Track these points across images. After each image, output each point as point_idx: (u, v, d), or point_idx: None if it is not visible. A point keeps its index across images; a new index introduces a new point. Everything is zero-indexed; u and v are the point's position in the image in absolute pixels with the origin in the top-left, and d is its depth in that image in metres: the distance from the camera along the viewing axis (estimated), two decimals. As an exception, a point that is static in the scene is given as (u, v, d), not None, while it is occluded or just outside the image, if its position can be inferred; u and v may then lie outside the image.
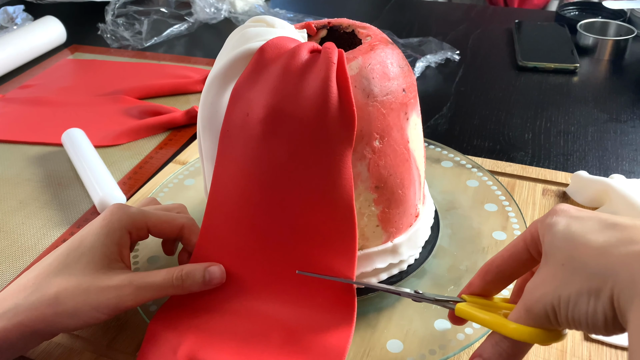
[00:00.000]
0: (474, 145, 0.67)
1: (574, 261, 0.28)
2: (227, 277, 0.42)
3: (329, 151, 0.37)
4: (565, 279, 0.28)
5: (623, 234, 0.28)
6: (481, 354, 0.32)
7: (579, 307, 0.27)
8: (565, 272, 0.28)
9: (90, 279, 0.38)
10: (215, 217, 0.41)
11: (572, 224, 0.30)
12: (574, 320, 0.28)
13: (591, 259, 0.28)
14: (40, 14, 1.03)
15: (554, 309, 0.29)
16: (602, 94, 0.78)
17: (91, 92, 0.82)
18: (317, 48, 0.39)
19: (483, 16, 1.08)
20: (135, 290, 0.38)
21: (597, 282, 0.27)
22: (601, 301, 0.26)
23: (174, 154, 0.67)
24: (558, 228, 0.30)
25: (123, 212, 0.41)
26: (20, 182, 0.64)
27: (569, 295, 0.28)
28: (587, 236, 0.29)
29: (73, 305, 0.37)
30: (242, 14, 1.07)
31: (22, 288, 0.39)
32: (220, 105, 0.41)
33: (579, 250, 0.28)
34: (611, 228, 0.28)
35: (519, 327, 0.30)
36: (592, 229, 0.29)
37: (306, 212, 0.39)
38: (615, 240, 0.27)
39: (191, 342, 0.38)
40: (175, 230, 0.43)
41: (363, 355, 0.40)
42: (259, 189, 0.39)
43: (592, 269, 0.27)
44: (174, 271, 0.40)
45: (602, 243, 0.28)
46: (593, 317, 0.27)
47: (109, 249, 0.40)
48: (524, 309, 0.30)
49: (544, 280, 0.30)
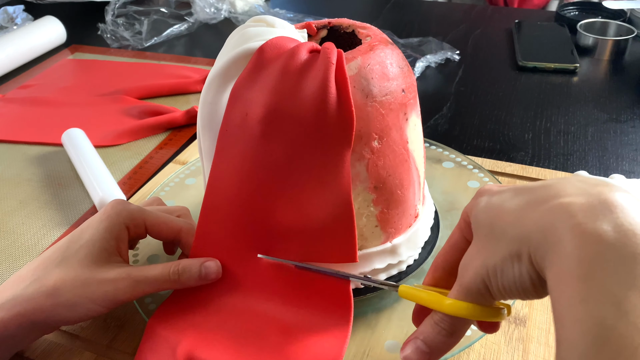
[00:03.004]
0: (474, 145, 0.67)
1: (495, 231, 0.29)
2: (224, 276, 0.42)
3: (327, 151, 0.37)
4: (490, 249, 0.29)
5: (533, 197, 0.28)
6: (418, 336, 0.32)
7: (506, 274, 0.28)
8: (489, 243, 0.29)
9: (88, 271, 0.38)
10: (212, 215, 0.41)
11: (492, 199, 0.31)
12: (505, 289, 0.29)
13: (508, 225, 0.28)
14: (40, 14, 1.03)
15: (485, 282, 0.29)
16: (602, 94, 0.78)
17: (91, 92, 0.82)
18: (316, 48, 0.39)
19: (483, 16, 1.08)
20: (132, 283, 0.39)
21: (517, 246, 0.27)
22: (524, 264, 0.27)
23: (174, 154, 0.67)
24: (481, 205, 0.32)
25: (123, 208, 0.41)
26: (20, 182, 0.64)
27: (494, 264, 0.29)
28: (504, 205, 0.30)
29: (71, 296, 0.38)
30: (242, 14, 1.07)
31: (20, 279, 0.39)
32: (220, 105, 0.41)
33: (498, 219, 0.29)
34: (523, 193, 0.29)
35: (454, 302, 0.31)
36: (508, 198, 0.30)
37: (304, 212, 0.39)
38: (525, 204, 0.28)
39: (189, 341, 0.38)
40: (172, 233, 0.43)
41: (363, 356, 0.40)
42: (257, 189, 0.39)
43: (510, 234, 0.28)
44: (171, 265, 0.40)
45: (515, 208, 0.29)
46: (521, 282, 0.28)
47: (108, 243, 0.40)
48: (459, 286, 0.31)
49: (472, 255, 0.31)
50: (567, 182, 0.28)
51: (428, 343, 0.32)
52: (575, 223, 0.25)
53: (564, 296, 0.24)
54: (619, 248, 0.24)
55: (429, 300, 0.33)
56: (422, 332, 0.32)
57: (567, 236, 0.25)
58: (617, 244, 0.24)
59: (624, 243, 0.24)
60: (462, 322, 0.31)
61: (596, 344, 0.22)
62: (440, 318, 0.32)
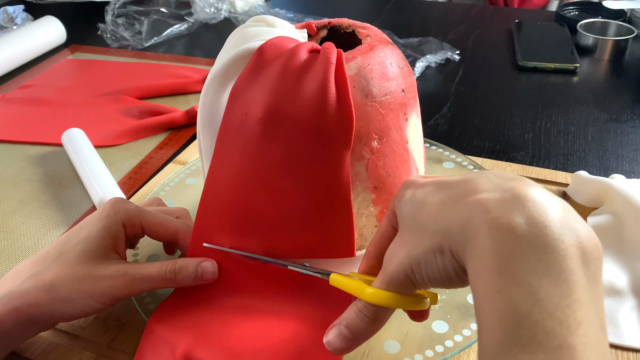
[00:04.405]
0: (474, 145, 0.67)
1: (418, 224, 0.30)
2: (224, 276, 0.42)
3: (326, 151, 0.37)
4: (413, 241, 0.30)
5: (452, 192, 0.29)
6: (342, 322, 0.33)
7: (430, 265, 0.29)
8: (413, 235, 0.30)
9: (86, 267, 0.38)
10: (210, 214, 0.41)
11: (416, 192, 0.32)
12: (431, 279, 0.29)
13: (430, 220, 0.29)
14: (40, 14, 1.03)
15: (407, 273, 0.30)
16: (602, 94, 0.78)
17: (91, 92, 0.82)
18: (316, 48, 0.39)
19: (483, 16, 1.08)
20: (129, 280, 0.39)
21: (439, 240, 0.28)
22: (447, 257, 0.28)
23: (174, 154, 0.67)
24: (405, 198, 0.32)
25: (121, 207, 0.42)
26: (20, 182, 0.64)
27: (418, 256, 0.29)
28: (427, 199, 0.31)
29: (68, 292, 0.38)
30: (242, 14, 1.07)
31: (17, 275, 0.39)
32: (220, 105, 0.41)
33: (420, 213, 0.30)
34: (445, 188, 0.30)
35: (376, 291, 0.31)
36: (430, 192, 0.31)
37: (303, 213, 0.39)
38: (447, 199, 0.29)
39: (189, 341, 0.38)
40: (169, 234, 0.43)
41: (362, 356, 0.40)
42: (256, 188, 0.39)
43: (431, 228, 0.29)
44: (168, 264, 0.40)
45: (437, 203, 0.30)
46: (445, 273, 0.29)
47: (106, 240, 0.40)
48: (382, 275, 0.31)
49: (397, 246, 0.31)
50: (484, 178, 0.29)
51: (351, 329, 0.32)
52: (490, 218, 0.26)
53: (482, 288, 0.26)
54: (531, 239, 0.25)
55: (353, 288, 0.33)
56: (346, 318, 0.33)
57: (483, 230, 0.26)
58: (529, 236, 0.25)
59: (535, 234, 0.25)
60: (384, 310, 0.32)
61: (512, 332, 0.24)
62: (364, 305, 0.32)
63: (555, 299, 0.24)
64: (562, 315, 0.23)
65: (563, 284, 0.24)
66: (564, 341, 0.23)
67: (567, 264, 0.24)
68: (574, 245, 0.25)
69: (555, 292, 0.24)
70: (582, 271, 0.25)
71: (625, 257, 0.47)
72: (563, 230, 0.25)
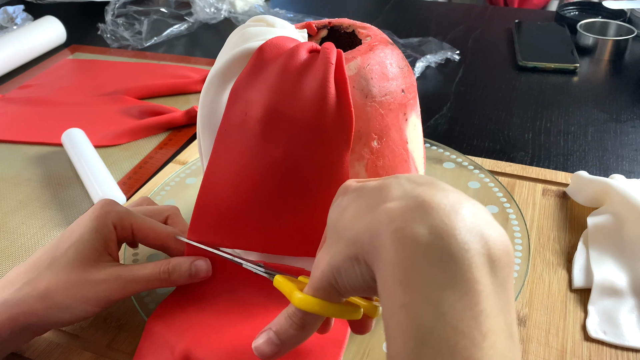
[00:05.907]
0: (474, 145, 0.67)
1: (338, 232, 0.30)
2: (223, 276, 0.42)
3: (326, 151, 0.37)
4: (334, 249, 0.29)
5: (367, 201, 0.29)
6: (272, 327, 0.32)
7: (349, 274, 0.28)
8: (334, 244, 0.30)
9: (79, 272, 0.38)
10: (207, 214, 0.41)
11: (343, 199, 0.31)
12: (352, 287, 0.29)
13: (347, 227, 0.29)
14: (40, 14, 1.03)
15: (330, 280, 0.29)
16: (602, 94, 0.78)
17: (91, 92, 0.82)
18: (316, 48, 0.39)
19: (483, 16, 1.08)
20: (123, 283, 0.39)
21: (354, 249, 0.28)
22: (362, 266, 0.27)
23: (173, 154, 0.67)
24: (335, 204, 0.32)
25: (111, 209, 0.41)
26: (20, 182, 0.64)
27: (338, 264, 0.29)
28: (347, 207, 0.30)
29: (64, 299, 0.37)
30: (242, 14, 1.07)
31: (11, 283, 0.39)
32: (219, 104, 0.41)
33: (340, 221, 0.30)
34: (363, 196, 0.30)
35: (304, 297, 0.30)
36: (352, 200, 0.30)
37: (302, 213, 0.39)
38: (363, 207, 0.28)
39: (188, 341, 0.38)
40: (159, 239, 0.42)
41: (362, 356, 0.40)
42: (255, 188, 0.39)
43: (347, 237, 0.28)
44: (161, 264, 0.40)
45: (353, 211, 0.29)
46: (364, 282, 0.28)
47: (98, 242, 0.40)
48: (310, 281, 0.31)
49: (323, 252, 0.31)
50: (396, 184, 0.28)
51: (279, 335, 0.31)
52: (395, 228, 0.25)
53: (388, 302, 0.25)
54: (434, 250, 0.24)
55: (287, 292, 0.33)
56: (276, 323, 0.32)
57: (387, 241, 0.25)
58: (432, 246, 0.24)
59: (438, 244, 0.24)
60: (313, 317, 0.31)
61: (416, 348, 0.23)
62: (293, 311, 0.31)
63: (459, 311, 0.23)
64: (467, 328, 0.23)
65: (467, 295, 0.23)
66: (469, 355, 0.22)
67: (471, 274, 0.24)
68: (481, 253, 0.24)
69: (459, 304, 0.23)
70: (489, 279, 0.24)
71: (625, 257, 0.47)
72: (469, 237, 0.24)
